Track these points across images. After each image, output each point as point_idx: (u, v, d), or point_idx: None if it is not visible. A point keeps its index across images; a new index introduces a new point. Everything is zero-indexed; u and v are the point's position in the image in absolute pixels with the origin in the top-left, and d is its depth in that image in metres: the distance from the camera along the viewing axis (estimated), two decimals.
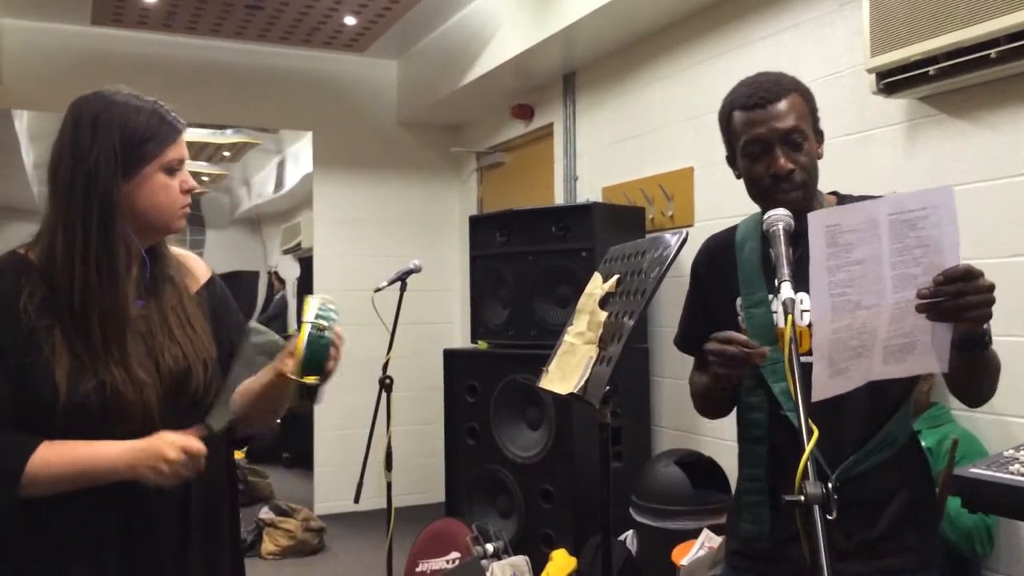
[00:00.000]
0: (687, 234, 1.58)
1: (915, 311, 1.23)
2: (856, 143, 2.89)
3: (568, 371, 1.65)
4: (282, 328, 7.98)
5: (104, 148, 1.33)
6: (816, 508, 1.05)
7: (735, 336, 1.38)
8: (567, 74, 4.62)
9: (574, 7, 3.77)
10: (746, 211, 1.62)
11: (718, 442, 3.47)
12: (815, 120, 1.54)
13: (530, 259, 3.82)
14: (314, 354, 1.38)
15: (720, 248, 1.66)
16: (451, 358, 4.18)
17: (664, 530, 3.12)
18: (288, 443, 6.83)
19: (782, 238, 1.34)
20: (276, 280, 8.90)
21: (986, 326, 1.30)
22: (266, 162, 8.73)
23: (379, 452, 3.32)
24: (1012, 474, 1.70)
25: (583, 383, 1.58)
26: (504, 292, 3.96)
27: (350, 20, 4.93)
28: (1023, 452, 1.74)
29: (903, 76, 2.50)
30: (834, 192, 1.61)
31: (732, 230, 1.67)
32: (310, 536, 4.82)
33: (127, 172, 1.36)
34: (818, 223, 1.21)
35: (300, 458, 6.56)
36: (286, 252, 8.75)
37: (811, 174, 1.49)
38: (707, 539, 2.94)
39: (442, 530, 3.87)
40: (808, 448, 1.09)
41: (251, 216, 10.33)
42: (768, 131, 1.46)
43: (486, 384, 3.89)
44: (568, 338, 1.72)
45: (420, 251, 4.66)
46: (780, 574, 1.50)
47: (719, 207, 3.51)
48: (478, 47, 4.69)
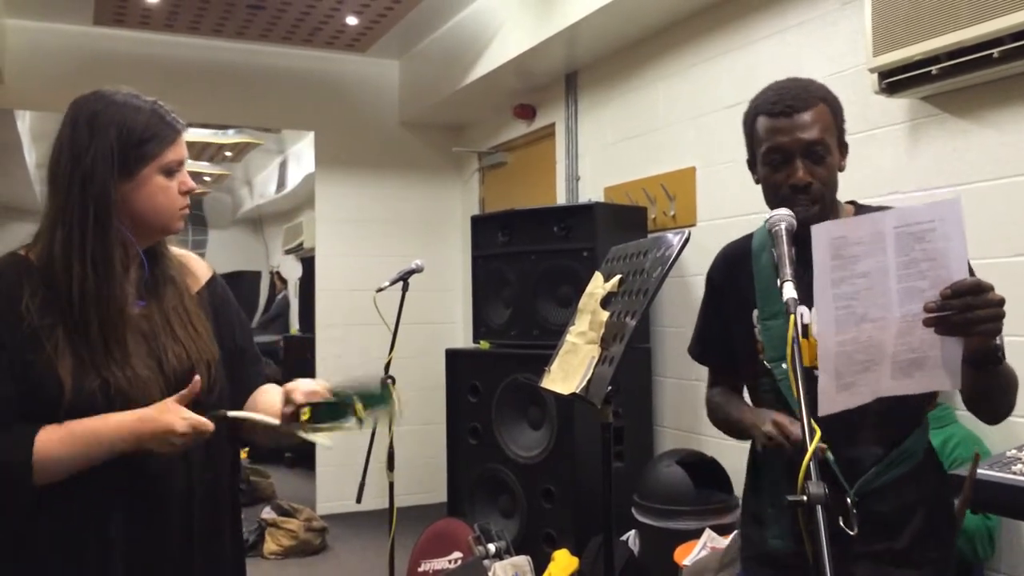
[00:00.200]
0: (689, 234, 1.58)
1: (923, 325, 1.21)
2: (858, 143, 2.89)
3: (570, 371, 1.65)
4: (284, 327, 8.00)
5: (101, 148, 1.32)
6: (819, 508, 1.05)
7: (791, 432, 1.36)
8: (569, 74, 4.61)
9: (576, 7, 3.77)
10: (749, 211, 1.62)
11: (720, 442, 3.46)
12: (840, 132, 1.52)
13: (532, 259, 3.82)
14: (334, 414, 1.41)
15: (737, 257, 1.64)
16: (453, 358, 4.18)
17: (666, 530, 3.12)
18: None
19: (784, 237, 1.33)
20: (278, 280, 8.90)
21: (999, 341, 1.27)
22: (268, 162, 8.74)
23: (381, 452, 3.32)
24: (1015, 474, 1.70)
25: (585, 383, 1.58)
26: (506, 292, 3.96)
27: (352, 20, 4.93)
28: None
29: (905, 76, 2.49)
30: (852, 201, 1.59)
31: (748, 239, 1.64)
32: (312, 536, 4.82)
33: (125, 172, 1.35)
34: (822, 235, 1.20)
35: (302, 458, 6.56)
36: (288, 252, 8.75)
37: (830, 187, 1.48)
38: (709, 539, 2.93)
39: (444, 530, 3.87)
40: (811, 448, 1.09)
41: (253, 216, 10.34)
42: (791, 141, 1.45)
43: (488, 384, 3.89)
44: (570, 338, 1.72)
45: (422, 251, 4.66)
46: None
47: (721, 207, 3.51)
48: (480, 47, 4.69)
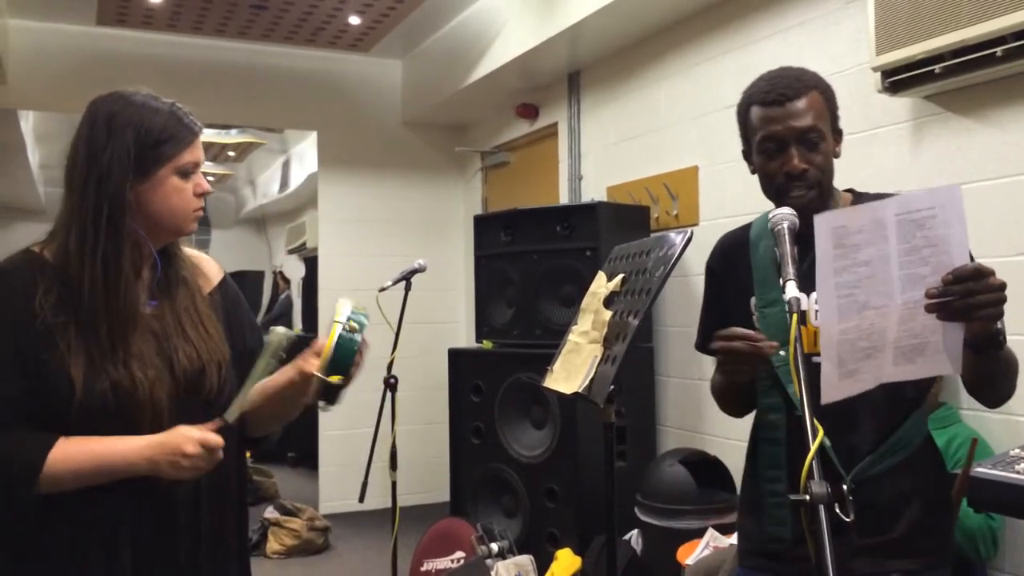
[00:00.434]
0: (692, 233, 1.58)
1: (925, 311, 1.22)
2: (861, 142, 2.89)
3: (573, 370, 1.65)
4: (287, 327, 7.99)
5: (118, 148, 1.33)
6: (821, 507, 1.05)
7: (740, 331, 1.36)
8: (572, 73, 4.61)
9: (578, 6, 3.77)
10: (751, 210, 1.62)
11: (723, 441, 3.46)
12: (834, 119, 1.52)
13: (535, 258, 3.82)
14: (343, 355, 1.39)
15: (735, 246, 1.65)
16: (456, 357, 4.18)
17: (669, 529, 3.12)
18: (293, 442, 6.83)
19: (787, 237, 1.33)
20: (281, 280, 8.91)
21: (1000, 325, 1.28)
22: (271, 162, 8.75)
23: (384, 451, 3.33)
24: (1019, 473, 1.70)
25: (588, 382, 1.58)
26: (509, 291, 3.96)
27: (354, 20, 4.94)
28: None
29: (908, 74, 2.49)
30: (850, 189, 1.59)
31: (747, 228, 1.65)
32: (315, 535, 4.83)
33: (141, 173, 1.36)
34: (824, 225, 1.20)
35: (305, 457, 6.57)
36: (291, 252, 8.76)
37: (826, 173, 1.48)
38: (712, 538, 2.93)
39: (447, 529, 3.88)
40: (813, 447, 1.09)
41: (256, 216, 10.36)
42: (785, 129, 1.45)
43: (491, 383, 3.89)
44: (573, 337, 1.72)
45: (425, 251, 4.66)
46: (796, 573, 1.49)
47: (724, 206, 3.51)
48: (482, 46, 4.69)
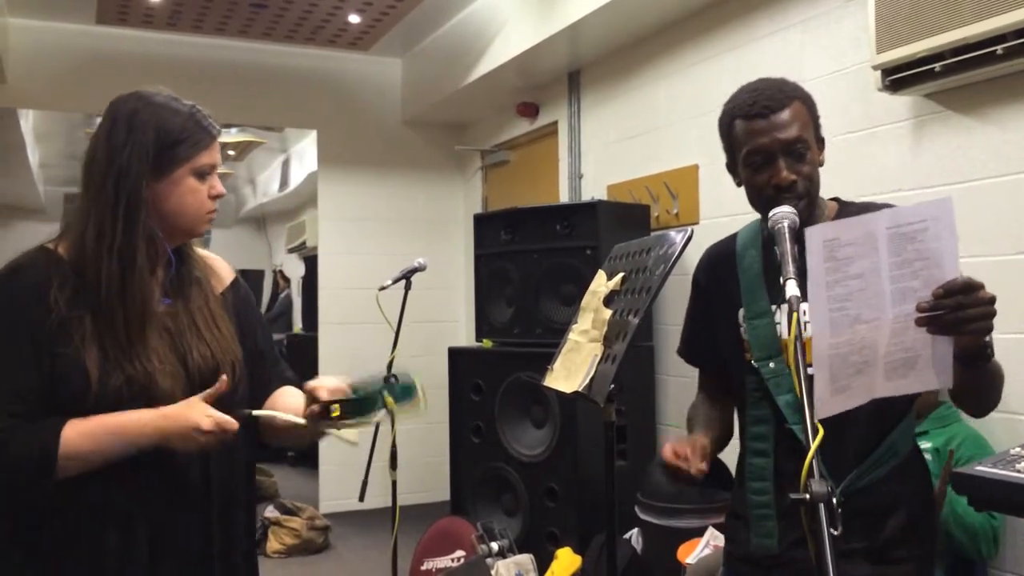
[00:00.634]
0: (692, 232, 1.58)
1: (915, 325, 1.21)
2: (861, 140, 2.88)
3: (573, 369, 1.65)
4: (287, 326, 8.00)
5: (137, 146, 1.36)
6: (821, 507, 1.05)
7: (670, 460, 1.50)
8: (572, 72, 4.61)
9: (579, 4, 3.76)
10: (750, 209, 1.61)
11: None
12: (817, 128, 1.52)
13: (535, 257, 3.81)
14: (363, 407, 1.41)
15: (721, 258, 1.65)
16: (456, 356, 4.18)
17: (669, 528, 3.11)
18: None
19: (787, 235, 1.33)
20: (281, 279, 8.91)
21: (988, 339, 1.28)
22: (271, 161, 8.74)
23: (384, 450, 3.32)
24: (1019, 472, 1.70)
25: (588, 381, 1.57)
26: (509, 290, 3.96)
27: (354, 18, 4.93)
28: None
29: (909, 73, 2.49)
30: (835, 198, 1.59)
31: (732, 239, 1.65)
32: (315, 535, 4.83)
33: (158, 172, 1.38)
34: (816, 237, 1.20)
35: (305, 457, 6.56)
36: (291, 251, 8.76)
37: (813, 183, 1.48)
38: (712, 537, 2.93)
39: (447, 528, 3.88)
40: (813, 446, 1.08)
41: (256, 215, 10.35)
42: (771, 141, 1.45)
43: (491, 382, 3.89)
44: (573, 336, 1.72)
45: (425, 249, 4.66)
46: None
47: (724, 205, 3.50)
48: (482, 45, 4.69)
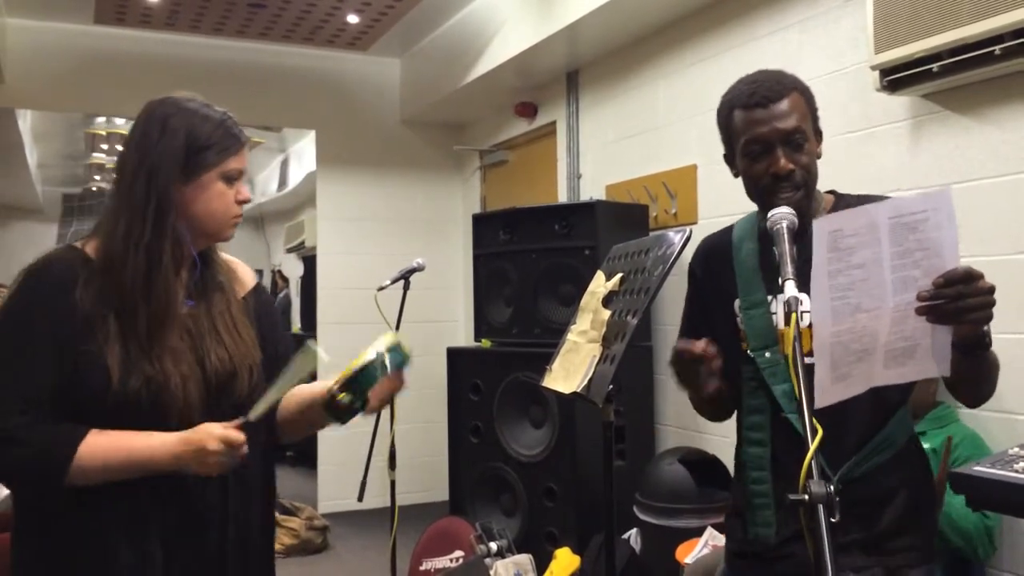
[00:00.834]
0: (691, 232, 1.58)
1: (915, 314, 1.23)
2: (860, 140, 2.89)
3: (572, 370, 1.65)
4: (285, 326, 7.99)
5: (169, 148, 1.40)
6: (820, 507, 1.05)
7: (684, 347, 1.42)
8: (570, 72, 4.61)
9: (577, 4, 3.76)
10: (749, 208, 1.62)
11: (722, 440, 3.46)
12: (815, 119, 1.53)
13: (533, 257, 3.81)
14: (363, 379, 1.43)
15: (716, 249, 1.66)
16: (455, 356, 4.18)
17: (668, 528, 3.12)
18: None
19: (786, 236, 1.33)
20: (279, 279, 8.89)
21: (986, 328, 1.29)
22: (269, 161, 8.74)
23: (383, 450, 3.32)
24: (1017, 472, 1.70)
25: (587, 382, 1.58)
26: (507, 290, 3.96)
27: (353, 18, 4.93)
28: None
29: (907, 73, 2.49)
30: (831, 191, 1.60)
31: (728, 231, 1.66)
32: (314, 535, 4.83)
33: (187, 175, 1.42)
34: (822, 229, 1.21)
35: (304, 456, 6.56)
36: (289, 251, 8.74)
37: (811, 174, 1.49)
38: (711, 537, 2.93)
39: (446, 528, 3.88)
40: (813, 447, 1.09)
41: (254, 215, 10.32)
42: (770, 131, 1.46)
43: (490, 382, 3.89)
44: (571, 337, 1.72)
45: (423, 250, 4.66)
46: (782, 572, 1.50)
47: (723, 204, 3.51)
48: (481, 45, 4.69)
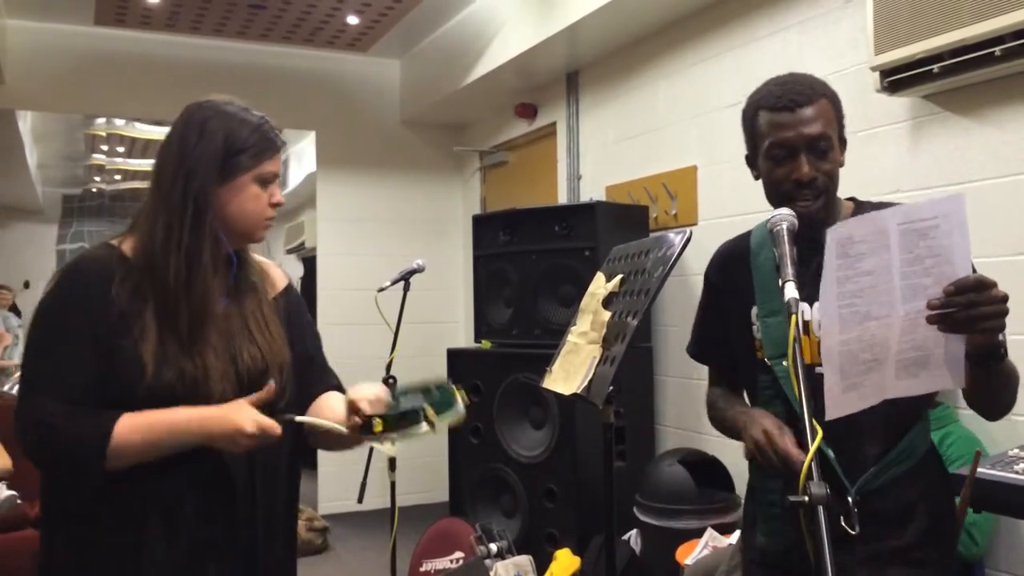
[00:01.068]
0: (691, 233, 1.58)
1: (926, 322, 1.21)
2: (860, 142, 2.89)
3: (572, 371, 1.65)
4: None
5: (207, 150, 1.43)
6: (820, 509, 1.05)
7: (777, 442, 1.34)
8: (570, 73, 4.61)
9: (577, 6, 3.76)
10: (751, 209, 1.61)
11: (722, 441, 3.45)
12: (841, 127, 1.51)
13: (533, 258, 3.81)
14: (402, 418, 1.45)
15: (734, 255, 1.63)
16: (455, 357, 4.18)
17: (668, 529, 3.12)
18: None
19: (786, 237, 1.32)
20: None
21: (1001, 337, 1.26)
22: None
23: (383, 452, 3.32)
24: (1017, 473, 1.70)
25: (587, 383, 1.58)
26: (508, 291, 3.96)
27: (353, 20, 4.93)
28: None
29: (907, 74, 2.49)
30: (851, 198, 1.58)
31: (746, 236, 1.63)
32: (314, 536, 4.82)
33: (223, 177, 1.45)
34: (834, 236, 1.20)
35: (303, 458, 6.55)
36: (289, 252, 8.74)
37: (833, 182, 1.47)
38: (711, 538, 2.93)
39: (446, 530, 3.87)
40: (812, 448, 1.08)
41: None
42: (795, 135, 1.44)
43: (490, 383, 3.89)
44: (572, 338, 1.72)
45: (423, 251, 4.66)
46: None
47: (723, 206, 3.50)
48: (481, 46, 4.69)
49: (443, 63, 5.16)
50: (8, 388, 4.71)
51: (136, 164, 10.33)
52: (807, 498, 1.05)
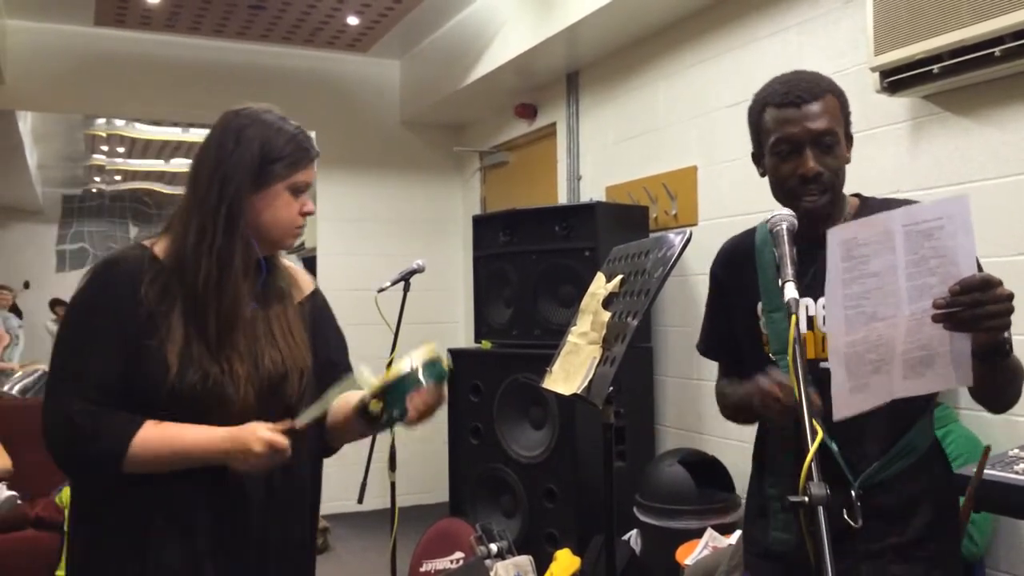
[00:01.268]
0: (690, 233, 1.58)
1: (932, 322, 1.21)
2: (860, 142, 2.86)
3: (572, 371, 1.66)
4: None
5: (243, 156, 1.46)
6: (820, 509, 1.05)
7: (772, 387, 1.33)
8: (570, 73, 4.61)
9: (577, 6, 3.77)
10: (751, 209, 1.62)
11: (722, 441, 3.46)
12: (847, 124, 1.52)
13: (533, 259, 3.82)
14: (395, 390, 1.43)
15: (739, 252, 1.63)
16: (455, 358, 4.18)
17: (668, 529, 3.12)
18: None
19: (785, 238, 1.33)
20: None
21: (1007, 334, 1.27)
22: None
23: (383, 452, 3.32)
24: (1017, 473, 1.70)
25: (587, 383, 1.58)
26: (508, 292, 3.96)
27: (353, 20, 4.93)
28: None
29: (907, 74, 2.49)
30: (856, 194, 1.59)
31: (751, 233, 1.63)
32: None
33: (258, 184, 1.47)
34: (836, 237, 1.20)
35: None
36: (290, 252, 8.75)
37: (839, 178, 1.48)
38: (711, 538, 2.94)
39: (446, 530, 3.87)
40: (812, 448, 1.09)
41: None
42: (801, 131, 1.44)
43: (490, 384, 3.89)
44: (572, 338, 1.72)
45: (423, 251, 4.65)
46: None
47: (723, 206, 3.51)
48: (481, 46, 4.69)
49: (443, 63, 5.16)
50: (7, 389, 4.71)
51: (136, 164, 10.35)
52: (807, 498, 1.05)
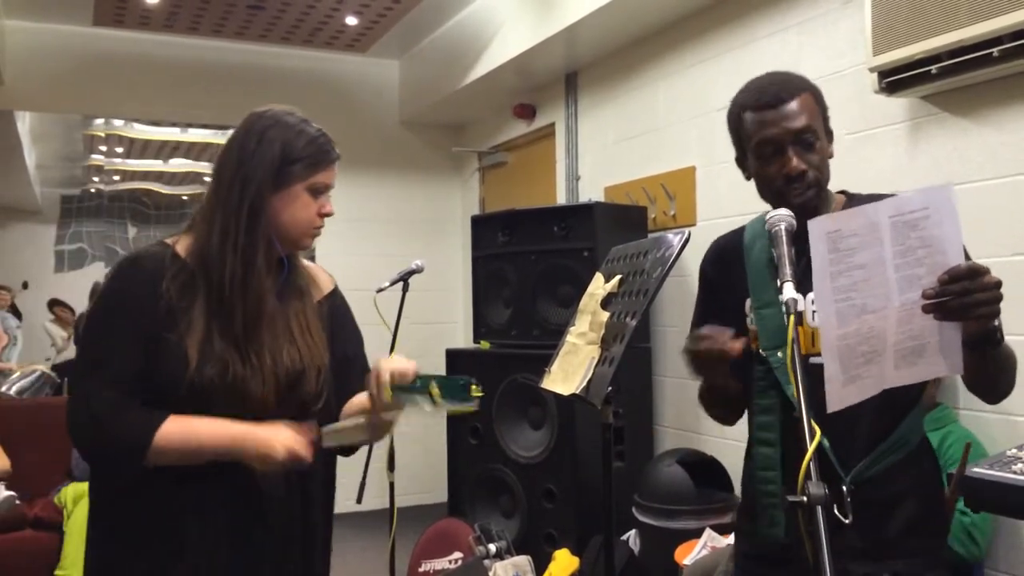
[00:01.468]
0: (689, 234, 1.58)
1: (922, 312, 1.22)
2: (858, 142, 2.89)
3: (571, 371, 1.65)
4: None
5: (265, 157, 1.49)
6: (819, 509, 1.05)
7: (706, 332, 1.39)
8: (569, 73, 4.62)
9: (576, 6, 3.77)
10: (749, 210, 1.62)
11: (721, 441, 3.46)
12: (826, 119, 1.53)
13: (532, 259, 3.82)
14: (401, 400, 1.46)
15: (729, 249, 1.64)
16: (454, 358, 4.18)
17: (667, 529, 3.12)
18: None
19: (784, 238, 1.33)
20: None
21: (997, 322, 1.28)
22: None
23: (381, 452, 3.32)
24: (1015, 473, 1.70)
25: (585, 383, 1.58)
26: (506, 292, 3.96)
27: (351, 20, 4.93)
28: None
29: (905, 75, 2.49)
30: (843, 191, 1.60)
31: (740, 231, 1.64)
32: None
33: (278, 185, 1.50)
34: (819, 230, 1.20)
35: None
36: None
37: (823, 173, 1.49)
38: (710, 538, 2.94)
39: (445, 530, 3.87)
40: (811, 448, 1.09)
41: None
42: (780, 131, 1.45)
43: (489, 384, 3.88)
44: (570, 338, 1.72)
45: (422, 251, 4.65)
46: (791, 574, 1.49)
47: (722, 206, 3.51)
48: (480, 47, 4.69)
49: (442, 63, 5.16)
50: (4, 389, 4.70)
51: (134, 165, 10.34)
52: (806, 498, 1.06)
